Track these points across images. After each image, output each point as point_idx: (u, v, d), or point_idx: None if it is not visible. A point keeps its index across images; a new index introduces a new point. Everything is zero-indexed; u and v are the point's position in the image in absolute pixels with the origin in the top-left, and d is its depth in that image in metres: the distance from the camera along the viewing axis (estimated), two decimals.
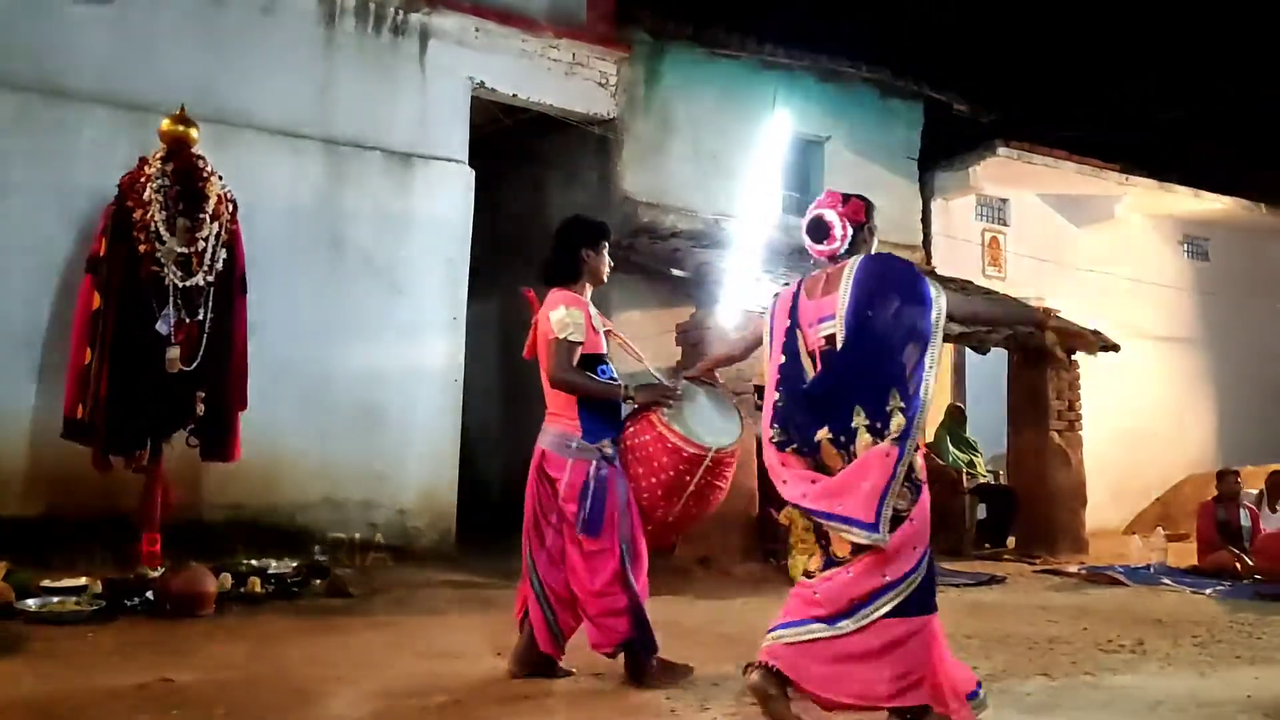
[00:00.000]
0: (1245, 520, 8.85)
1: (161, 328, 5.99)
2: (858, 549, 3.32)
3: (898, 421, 3.28)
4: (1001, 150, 11.41)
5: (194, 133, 6.30)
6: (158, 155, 6.19)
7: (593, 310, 4.23)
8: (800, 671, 3.33)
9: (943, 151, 11.72)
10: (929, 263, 11.44)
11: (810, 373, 3.48)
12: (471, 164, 8.66)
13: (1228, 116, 13.95)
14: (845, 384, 3.38)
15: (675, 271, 8.56)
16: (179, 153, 6.20)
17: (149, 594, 5.52)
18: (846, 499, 3.28)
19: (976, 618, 6.30)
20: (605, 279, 4.37)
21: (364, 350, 7.96)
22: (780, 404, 3.51)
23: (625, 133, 9.72)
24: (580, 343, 4.05)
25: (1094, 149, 12.35)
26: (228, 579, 5.93)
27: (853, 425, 3.32)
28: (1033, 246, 12.21)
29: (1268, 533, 8.51)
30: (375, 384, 7.98)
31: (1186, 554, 9.16)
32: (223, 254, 6.21)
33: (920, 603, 3.33)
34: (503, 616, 5.93)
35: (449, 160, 8.52)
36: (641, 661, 4.12)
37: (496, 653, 4.85)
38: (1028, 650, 5.23)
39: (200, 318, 6.11)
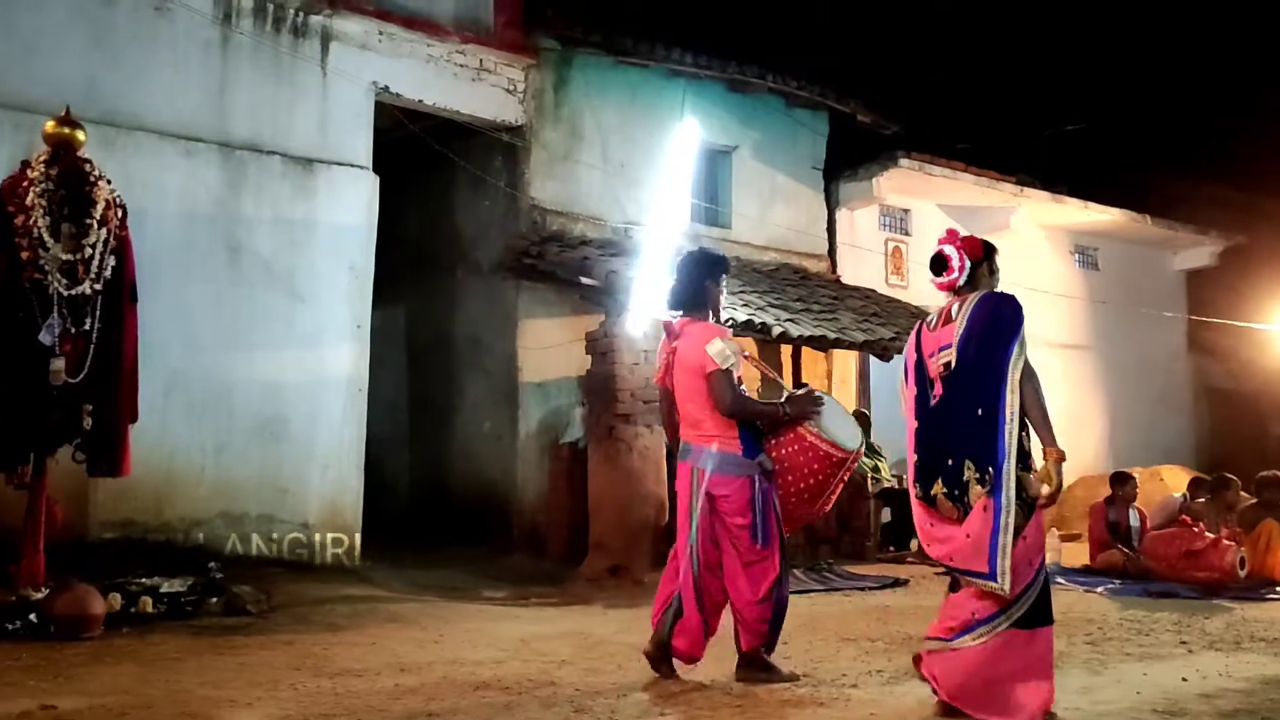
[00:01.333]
0: (1134, 520, 9.16)
1: (45, 338, 5.72)
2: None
3: (990, 473, 3.66)
4: (903, 161, 11.64)
5: (80, 135, 6.03)
6: (41, 158, 5.91)
7: None
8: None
9: (847, 162, 11.92)
10: (834, 272, 11.63)
11: (934, 397, 3.91)
12: (376, 170, 8.51)
13: (1116, 131, 14.51)
14: (954, 411, 3.82)
15: (584, 280, 8.54)
16: (64, 156, 5.92)
17: (32, 616, 5.26)
18: (957, 554, 3.74)
19: (881, 620, 6.40)
20: (722, 308, 4.70)
21: (264, 360, 7.75)
22: (918, 430, 3.96)
23: (533, 140, 9.67)
24: (739, 371, 4.41)
25: (991, 161, 12.70)
26: (117, 599, 5.69)
27: (964, 479, 3.72)
28: None
29: (1154, 533, 8.82)
30: (276, 395, 7.77)
31: (1080, 554, 9.45)
32: (111, 261, 5.95)
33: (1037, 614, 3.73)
34: (407, 632, 5.84)
35: (352, 166, 8.35)
36: (760, 661, 4.44)
37: (401, 669, 4.75)
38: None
39: (87, 328, 5.84)
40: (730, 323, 8.39)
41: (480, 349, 9.81)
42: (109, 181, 6.10)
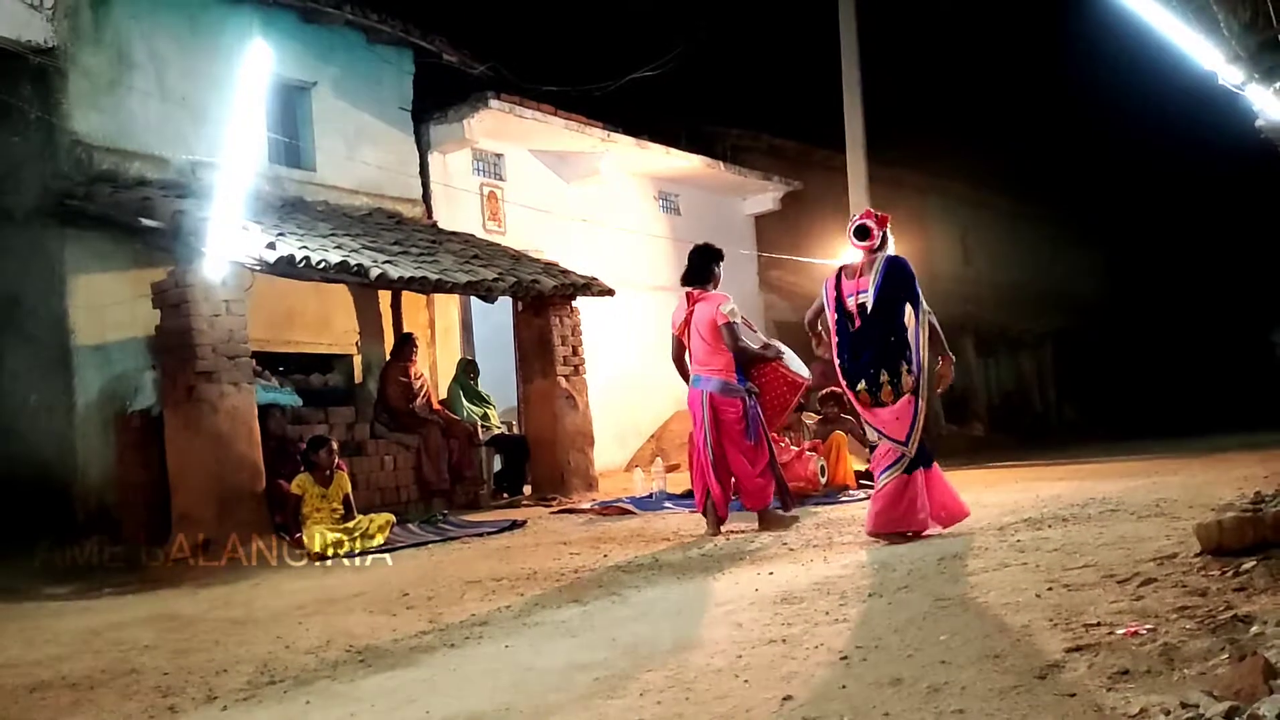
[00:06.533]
0: None
1: None
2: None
3: (909, 380, 5.42)
4: (494, 103, 11.36)
5: None
6: None
7: None
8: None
9: (437, 104, 11.49)
10: (430, 217, 11.20)
11: (854, 324, 5.56)
12: None
13: (690, 81, 15.25)
14: (872, 333, 5.48)
15: (146, 221, 7.45)
16: None
17: None
18: (886, 427, 5.51)
19: (505, 561, 6.24)
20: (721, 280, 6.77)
21: None
22: (839, 344, 5.59)
23: (70, 66, 8.28)
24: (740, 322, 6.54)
25: (580, 107, 12.83)
26: None
27: (880, 381, 5.43)
28: (529, 201, 12.46)
29: None
30: None
31: (681, 481, 9.91)
32: None
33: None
34: None
35: None
36: (772, 515, 6.59)
37: None
38: (555, 582, 5.23)
39: None
40: (323, 264, 7.75)
41: (20, 310, 8.30)
42: None
